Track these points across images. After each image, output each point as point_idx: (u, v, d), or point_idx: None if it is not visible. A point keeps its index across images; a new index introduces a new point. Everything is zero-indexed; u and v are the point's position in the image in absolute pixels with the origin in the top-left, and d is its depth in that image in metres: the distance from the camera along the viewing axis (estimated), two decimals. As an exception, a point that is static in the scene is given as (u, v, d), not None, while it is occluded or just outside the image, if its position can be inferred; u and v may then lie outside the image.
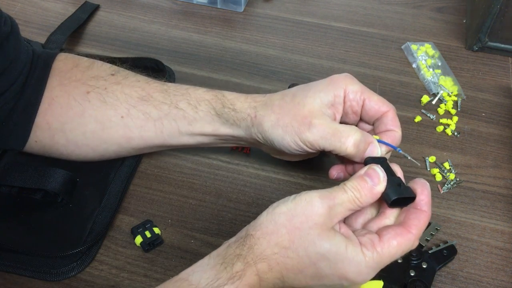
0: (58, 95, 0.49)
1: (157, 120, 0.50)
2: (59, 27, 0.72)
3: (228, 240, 0.40)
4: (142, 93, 0.50)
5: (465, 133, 0.62)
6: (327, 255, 0.37)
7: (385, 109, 0.46)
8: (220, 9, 0.79)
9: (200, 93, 0.50)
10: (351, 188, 0.39)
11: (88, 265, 0.48)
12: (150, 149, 0.54)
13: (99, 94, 0.50)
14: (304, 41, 0.74)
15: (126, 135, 0.50)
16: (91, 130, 0.50)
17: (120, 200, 0.53)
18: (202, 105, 0.49)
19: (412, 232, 0.39)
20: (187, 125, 0.50)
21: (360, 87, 0.47)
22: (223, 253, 0.39)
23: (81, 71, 0.51)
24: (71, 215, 0.51)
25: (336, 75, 0.47)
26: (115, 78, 0.51)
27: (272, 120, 0.46)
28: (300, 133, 0.45)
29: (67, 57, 0.52)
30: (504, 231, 0.52)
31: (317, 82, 0.48)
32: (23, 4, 0.79)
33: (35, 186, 0.50)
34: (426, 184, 0.42)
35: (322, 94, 0.46)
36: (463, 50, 0.73)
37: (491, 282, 0.48)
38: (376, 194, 0.40)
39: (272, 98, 0.48)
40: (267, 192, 0.55)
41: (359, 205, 0.39)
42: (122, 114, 0.50)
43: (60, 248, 0.47)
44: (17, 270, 0.47)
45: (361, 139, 0.44)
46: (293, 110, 0.46)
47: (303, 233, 0.38)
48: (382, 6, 0.80)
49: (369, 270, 0.38)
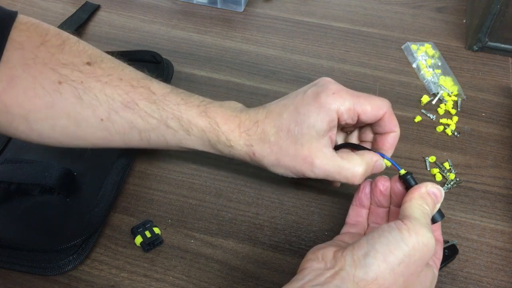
0: (20, 76, 0.43)
1: (143, 131, 0.47)
2: (59, 27, 0.72)
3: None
4: (126, 97, 0.45)
5: (465, 133, 0.62)
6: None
7: (381, 113, 0.45)
8: (220, 9, 0.79)
9: (192, 116, 0.46)
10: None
11: (85, 259, 0.48)
12: (132, 148, 0.50)
13: (74, 88, 0.44)
14: (304, 41, 0.74)
15: (106, 138, 0.47)
16: (62, 125, 0.45)
17: (117, 190, 0.52)
18: (195, 131, 0.46)
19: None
20: (177, 142, 0.48)
21: (352, 102, 0.44)
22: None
23: (50, 52, 0.44)
24: (68, 209, 0.51)
25: (324, 95, 0.44)
26: (92, 70, 0.45)
27: (273, 160, 0.46)
28: (303, 173, 0.45)
29: (31, 27, 0.45)
30: (504, 231, 0.52)
31: (306, 106, 0.44)
32: (23, 4, 0.79)
33: (32, 182, 0.50)
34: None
35: (317, 125, 0.43)
36: (463, 50, 0.73)
37: (491, 282, 0.48)
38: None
39: (267, 132, 0.45)
40: (267, 192, 0.55)
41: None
42: (101, 116, 0.45)
43: (57, 242, 0.47)
44: (13, 266, 0.47)
45: (365, 171, 0.45)
46: (291, 150, 0.44)
47: (417, 278, 0.37)
48: (382, 6, 0.80)
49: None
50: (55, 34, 0.46)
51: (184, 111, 0.46)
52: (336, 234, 0.51)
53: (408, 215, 0.38)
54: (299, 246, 0.50)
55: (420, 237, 0.35)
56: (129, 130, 0.46)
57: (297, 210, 0.53)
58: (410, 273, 0.35)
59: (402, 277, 0.35)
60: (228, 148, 0.47)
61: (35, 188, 0.51)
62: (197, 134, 0.47)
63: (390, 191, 0.45)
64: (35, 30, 0.45)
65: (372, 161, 0.45)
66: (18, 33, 0.44)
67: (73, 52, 0.45)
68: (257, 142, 0.46)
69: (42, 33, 0.45)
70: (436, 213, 0.41)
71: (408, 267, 0.35)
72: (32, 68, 0.43)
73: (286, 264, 0.49)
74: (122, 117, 0.46)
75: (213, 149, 0.48)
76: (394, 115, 0.46)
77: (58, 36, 0.46)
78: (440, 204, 0.41)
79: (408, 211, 0.38)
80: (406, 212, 0.38)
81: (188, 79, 0.67)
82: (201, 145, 0.48)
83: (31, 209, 0.51)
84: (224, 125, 0.46)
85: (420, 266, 0.36)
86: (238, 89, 0.66)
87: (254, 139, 0.46)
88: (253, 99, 0.65)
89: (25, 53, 0.43)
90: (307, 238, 0.51)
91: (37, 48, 0.44)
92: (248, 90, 0.66)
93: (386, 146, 0.47)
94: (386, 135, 0.47)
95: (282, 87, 0.67)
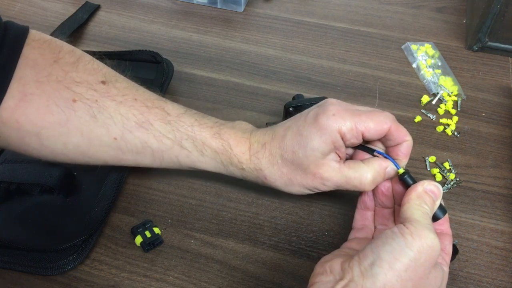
0: (33, 93, 0.43)
1: (156, 152, 0.47)
2: (59, 27, 0.73)
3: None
4: (141, 118, 0.46)
5: (465, 133, 0.62)
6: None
7: (386, 128, 0.43)
8: (220, 9, 0.79)
9: (206, 138, 0.47)
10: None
11: (85, 259, 0.48)
12: (142, 167, 0.51)
13: (88, 106, 0.44)
14: (304, 41, 0.74)
15: (118, 157, 0.47)
16: (75, 143, 0.45)
17: (117, 190, 0.52)
18: (209, 152, 0.47)
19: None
20: (190, 163, 0.48)
21: (353, 122, 0.43)
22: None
23: (64, 70, 0.44)
24: (68, 209, 0.51)
25: (324, 117, 0.43)
26: (107, 89, 0.45)
27: (285, 181, 0.46)
28: (315, 188, 0.46)
29: (43, 45, 0.45)
30: (504, 231, 0.52)
31: (308, 128, 0.44)
32: (23, 4, 0.79)
33: (32, 182, 0.50)
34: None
35: (320, 148, 0.43)
36: (463, 50, 0.73)
37: (491, 282, 0.48)
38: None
39: (273, 154, 0.46)
40: (267, 192, 0.55)
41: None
42: (115, 135, 0.45)
43: (57, 242, 0.47)
44: (13, 266, 0.47)
45: (374, 178, 0.44)
46: (300, 170, 0.45)
47: (426, 280, 0.36)
48: (382, 6, 0.80)
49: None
50: (68, 51, 0.46)
51: (198, 132, 0.47)
52: (336, 234, 0.51)
53: (409, 217, 0.38)
54: (299, 246, 0.50)
55: (423, 240, 0.35)
56: (142, 149, 0.47)
57: (297, 210, 0.53)
58: (418, 277, 0.35)
59: (411, 282, 0.35)
60: (240, 171, 0.48)
61: (35, 188, 0.51)
62: (211, 155, 0.47)
63: (392, 191, 0.45)
64: (48, 47, 0.45)
65: (382, 168, 0.45)
66: (31, 50, 0.43)
67: (87, 71, 0.45)
68: (266, 165, 0.46)
69: (55, 50, 0.45)
70: (438, 209, 0.41)
71: (415, 271, 0.35)
72: (46, 86, 0.43)
73: (286, 264, 0.49)
74: (136, 137, 0.46)
75: (225, 171, 0.49)
76: (401, 126, 0.45)
77: (72, 53, 0.46)
78: (440, 200, 0.41)
79: (408, 213, 0.38)
80: (406, 214, 0.38)
81: (188, 79, 0.67)
82: (214, 166, 0.48)
83: (31, 209, 0.51)
84: (236, 147, 0.47)
85: (427, 268, 0.36)
86: (238, 89, 0.66)
87: (263, 163, 0.46)
88: (253, 99, 0.65)
89: (38, 71, 0.43)
90: (307, 238, 0.51)
91: (50, 66, 0.44)
92: (248, 90, 0.66)
93: (400, 155, 0.45)
94: (399, 146, 0.45)
95: (282, 87, 0.67)
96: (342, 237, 0.51)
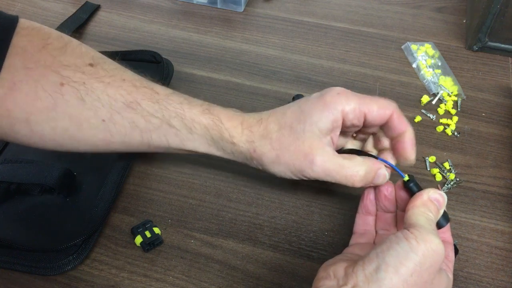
0: (22, 80, 0.43)
1: (144, 132, 0.46)
2: (59, 27, 0.73)
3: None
4: (129, 98, 0.45)
5: (465, 133, 0.62)
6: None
7: (388, 113, 0.44)
8: (220, 9, 0.79)
9: (195, 114, 0.46)
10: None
11: (85, 259, 0.48)
12: (131, 151, 0.51)
13: (76, 89, 0.44)
14: (304, 41, 0.74)
15: (106, 139, 0.47)
16: (63, 127, 0.45)
17: (117, 190, 0.52)
18: (198, 129, 0.47)
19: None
20: (179, 142, 0.47)
21: (357, 102, 0.43)
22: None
23: (52, 55, 0.44)
24: (68, 209, 0.51)
25: (329, 95, 0.44)
26: (95, 71, 0.45)
27: (273, 156, 0.45)
28: (303, 171, 0.45)
29: (32, 32, 0.45)
30: (504, 231, 0.52)
31: (310, 105, 0.44)
32: (23, 4, 0.79)
33: (32, 182, 0.50)
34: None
35: (320, 123, 0.43)
36: (463, 50, 0.73)
37: (491, 282, 0.48)
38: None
39: (269, 129, 0.46)
40: (267, 192, 0.55)
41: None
42: (103, 117, 0.45)
43: (57, 242, 0.47)
44: (13, 266, 0.47)
45: (366, 173, 0.44)
46: (292, 146, 0.44)
47: (431, 285, 0.36)
48: (382, 6, 0.80)
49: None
50: (57, 37, 0.45)
51: (187, 110, 0.46)
52: (336, 234, 0.51)
53: (413, 223, 0.37)
54: (299, 246, 0.50)
55: (428, 244, 0.35)
56: (130, 130, 0.46)
57: (297, 210, 0.53)
58: (423, 282, 0.35)
59: (416, 287, 0.35)
60: (230, 145, 0.47)
61: (35, 188, 0.51)
62: (200, 132, 0.47)
63: (395, 195, 0.45)
64: (36, 34, 0.45)
65: (374, 167, 0.44)
66: (19, 38, 0.43)
67: (75, 54, 0.45)
68: (258, 138, 0.46)
69: (44, 37, 0.45)
70: (441, 217, 0.41)
71: (420, 276, 0.35)
72: (34, 72, 0.43)
73: (286, 264, 0.49)
74: (124, 118, 0.45)
75: (215, 148, 0.48)
76: (403, 115, 0.45)
77: (60, 39, 0.46)
78: (443, 209, 0.41)
79: (412, 219, 0.38)
80: (410, 220, 0.38)
81: (188, 79, 0.67)
82: (203, 144, 0.48)
83: (31, 209, 0.51)
84: (227, 122, 0.46)
85: (432, 273, 0.36)
86: (238, 89, 0.66)
87: (256, 136, 0.46)
88: (253, 99, 0.65)
89: (27, 57, 0.43)
90: (307, 238, 0.51)
91: (39, 52, 0.43)
92: (248, 90, 0.66)
93: (406, 148, 0.45)
94: (401, 137, 0.45)
95: (282, 87, 0.67)
96: (342, 237, 0.51)
